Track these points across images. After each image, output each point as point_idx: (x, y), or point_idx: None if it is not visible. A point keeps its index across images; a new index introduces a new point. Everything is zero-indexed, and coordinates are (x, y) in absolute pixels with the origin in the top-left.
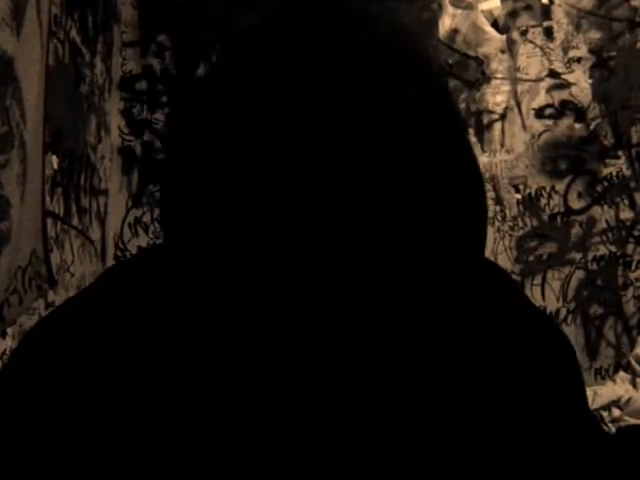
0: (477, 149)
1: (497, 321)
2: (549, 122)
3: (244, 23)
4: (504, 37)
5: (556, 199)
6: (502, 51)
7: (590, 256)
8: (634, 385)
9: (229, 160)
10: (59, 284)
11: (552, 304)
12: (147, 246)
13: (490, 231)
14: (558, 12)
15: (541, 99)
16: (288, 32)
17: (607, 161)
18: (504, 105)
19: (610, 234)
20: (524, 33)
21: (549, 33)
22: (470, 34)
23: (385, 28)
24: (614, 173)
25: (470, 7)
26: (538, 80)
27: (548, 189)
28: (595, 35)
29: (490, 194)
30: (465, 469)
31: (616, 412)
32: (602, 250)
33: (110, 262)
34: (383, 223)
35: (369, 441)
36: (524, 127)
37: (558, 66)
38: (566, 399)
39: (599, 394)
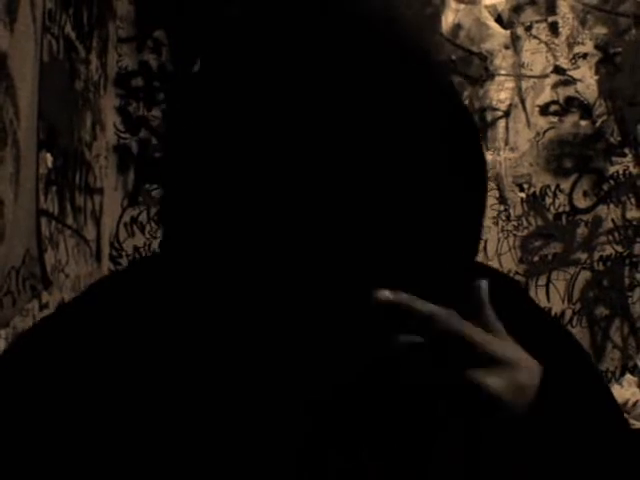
0: None
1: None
2: (554, 119)
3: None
4: (508, 32)
5: (561, 198)
6: (506, 47)
7: (596, 256)
8: None
9: (234, 157)
10: (53, 285)
11: (557, 305)
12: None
13: (494, 231)
14: (563, 7)
15: (546, 96)
16: (287, 27)
17: (613, 159)
18: (508, 102)
19: (616, 234)
20: (529, 28)
21: (554, 28)
22: (473, 29)
23: (383, 25)
24: (620, 171)
25: (473, 2)
26: (543, 76)
27: (553, 188)
28: (601, 30)
29: (494, 193)
30: None
31: None
32: (608, 250)
33: (105, 262)
34: (372, 221)
35: None
36: (528, 124)
37: (563, 62)
38: (594, 398)
39: None
